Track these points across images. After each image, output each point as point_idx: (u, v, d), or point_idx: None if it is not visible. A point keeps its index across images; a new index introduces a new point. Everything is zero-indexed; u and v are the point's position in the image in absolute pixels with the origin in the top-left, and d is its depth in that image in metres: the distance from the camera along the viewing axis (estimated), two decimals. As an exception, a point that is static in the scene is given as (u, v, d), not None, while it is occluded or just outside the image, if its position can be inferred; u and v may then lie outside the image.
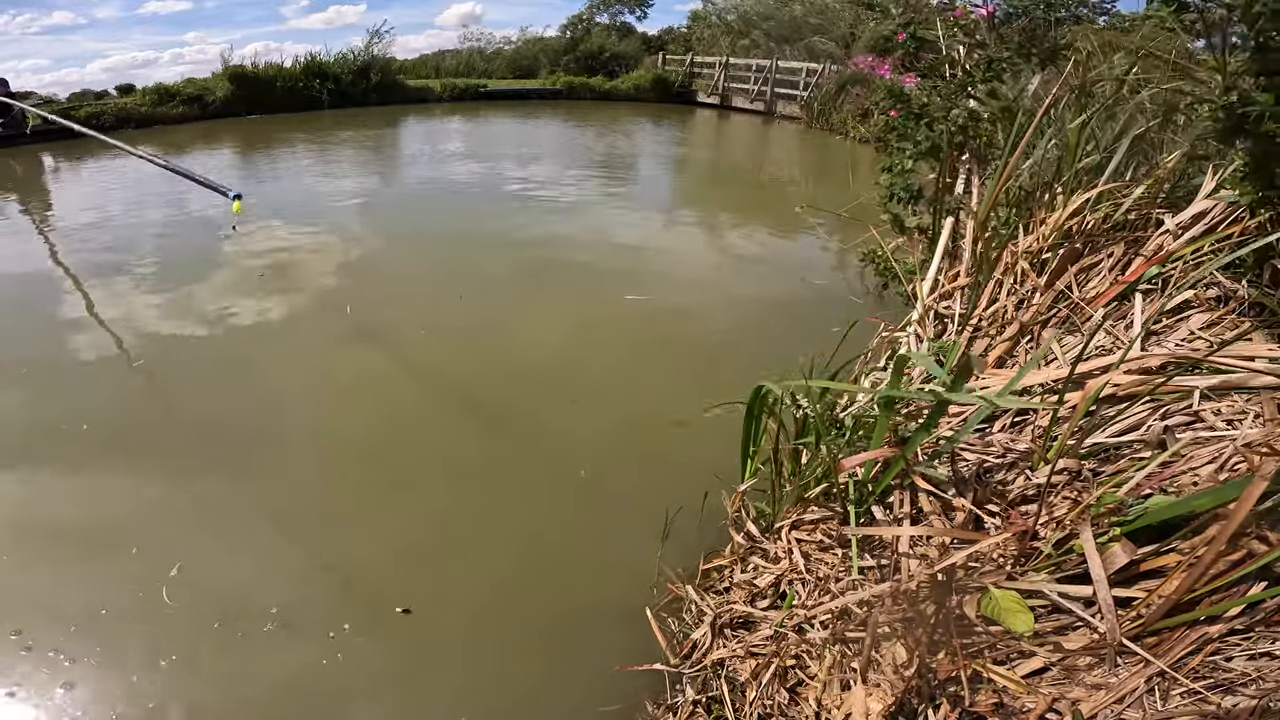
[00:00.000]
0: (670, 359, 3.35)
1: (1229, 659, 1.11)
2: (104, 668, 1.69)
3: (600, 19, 23.96)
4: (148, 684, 1.64)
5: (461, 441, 2.71)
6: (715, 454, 2.24)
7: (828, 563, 1.66)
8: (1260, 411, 1.49)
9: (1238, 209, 2.17)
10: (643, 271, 4.82)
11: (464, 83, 18.29)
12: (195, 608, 1.87)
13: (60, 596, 1.91)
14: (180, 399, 2.99)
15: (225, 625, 1.82)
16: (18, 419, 2.80)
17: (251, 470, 2.49)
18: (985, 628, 1.32)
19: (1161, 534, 1.31)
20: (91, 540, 2.14)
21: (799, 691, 1.41)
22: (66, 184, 8.08)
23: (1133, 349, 1.82)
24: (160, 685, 1.64)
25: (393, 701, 1.65)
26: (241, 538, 2.17)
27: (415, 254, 5.19)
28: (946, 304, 2.93)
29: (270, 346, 3.54)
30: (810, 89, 14.62)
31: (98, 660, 1.71)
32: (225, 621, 1.83)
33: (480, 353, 3.46)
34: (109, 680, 1.66)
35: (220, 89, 13.61)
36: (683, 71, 19.12)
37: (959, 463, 1.74)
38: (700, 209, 7.24)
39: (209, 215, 6.24)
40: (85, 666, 1.68)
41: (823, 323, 2.05)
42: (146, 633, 1.79)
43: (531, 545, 2.15)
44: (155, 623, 1.82)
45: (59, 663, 1.68)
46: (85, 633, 1.77)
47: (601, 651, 1.73)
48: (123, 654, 1.72)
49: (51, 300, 4.09)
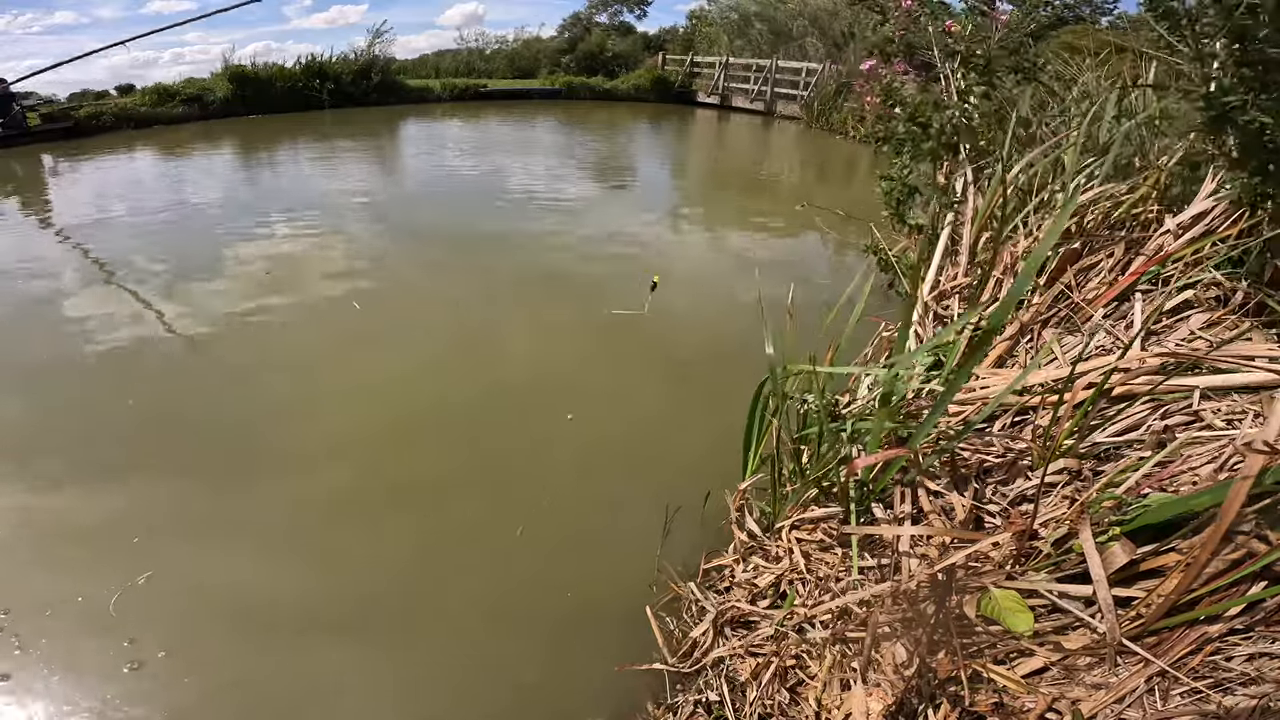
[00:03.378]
0: (670, 359, 3.35)
1: (1229, 659, 1.11)
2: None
3: (599, 18, 23.99)
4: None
5: (462, 442, 2.71)
6: (715, 455, 2.25)
7: (828, 562, 1.67)
8: (1260, 411, 1.49)
9: (1237, 209, 2.17)
10: (642, 272, 4.82)
11: (464, 82, 18.30)
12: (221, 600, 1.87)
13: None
14: (184, 398, 2.99)
15: (227, 626, 1.82)
16: (18, 420, 2.80)
17: (251, 473, 2.49)
18: (985, 627, 1.32)
19: (1161, 533, 1.31)
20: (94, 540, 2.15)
21: (799, 691, 1.41)
22: (66, 184, 8.08)
23: (1133, 349, 1.82)
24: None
25: (392, 702, 1.65)
26: (240, 541, 2.17)
27: (416, 254, 5.19)
28: (946, 304, 2.93)
29: (270, 347, 3.53)
30: (810, 89, 14.62)
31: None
32: (227, 622, 1.83)
33: (480, 353, 3.46)
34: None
35: (220, 89, 13.62)
36: (682, 71, 19.13)
37: (959, 462, 1.74)
38: (700, 209, 7.25)
39: (212, 214, 6.25)
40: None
41: (824, 322, 2.05)
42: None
43: (531, 545, 2.15)
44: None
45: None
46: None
47: (601, 651, 1.73)
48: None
49: (52, 301, 4.09)
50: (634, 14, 24.76)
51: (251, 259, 4.86)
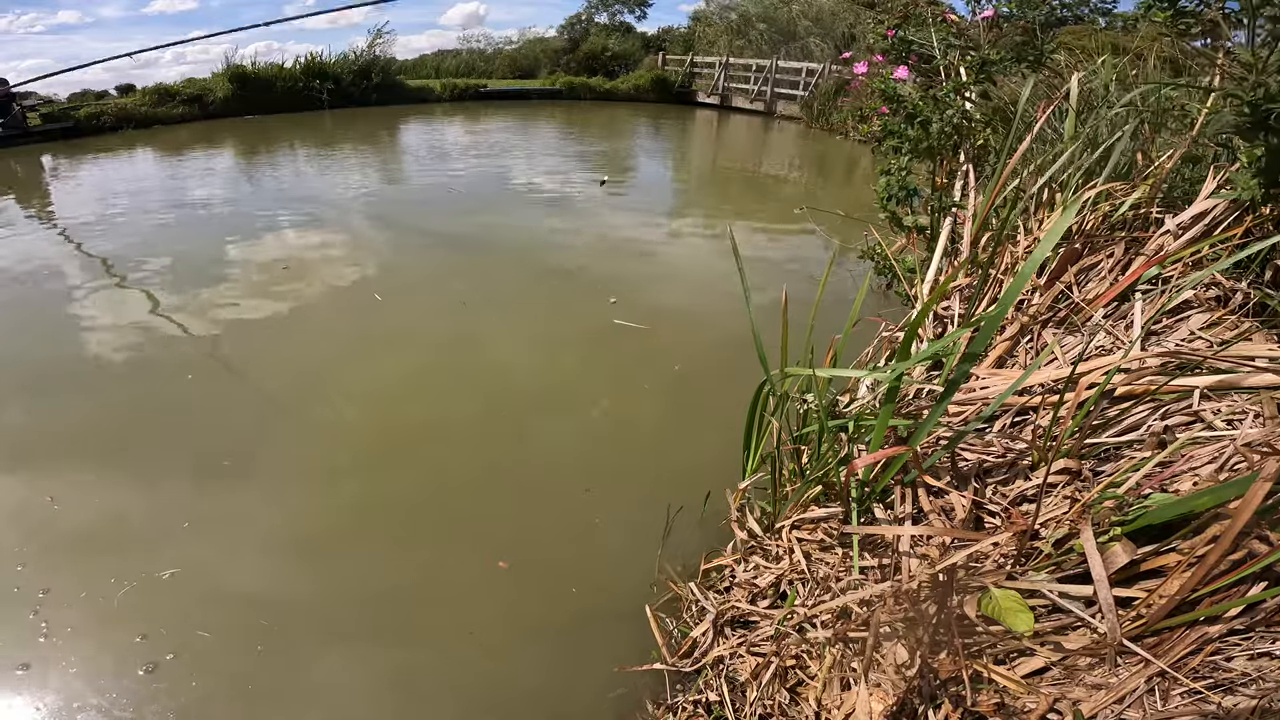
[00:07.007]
0: (671, 360, 3.35)
1: (1229, 659, 1.11)
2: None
3: (599, 18, 23.98)
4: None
5: (462, 443, 2.71)
6: (716, 455, 2.24)
7: (828, 562, 1.66)
8: (1260, 411, 1.49)
9: (1238, 209, 2.17)
10: (643, 273, 4.82)
11: (464, 83, 18.32)
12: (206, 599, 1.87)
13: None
14: (185, 399, 2.99)
15: (235, 630, 1.82)
16: (19, 421, 2.80)
17: (248, 476, 2.49)
18: (986, 627, 1.31)
19: (1162, 534, 1.30)
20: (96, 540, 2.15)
21: (799, 691, 1.41)
22: (67, 184, 8.08)
23: (1133, 349, 1.82)
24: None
25: (392, 702, 1.65)
26: (246, 542, 2.17)
27: (416, 254, 5.19)
28: (946, 304, 2.93)
29: (270, 347, 3.54)
30: (810, 89, 14.63)
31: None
32: (234, 623, 1.83)
33: (480, 353, 3.46)
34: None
35: (220, 89, 13.63)
36: (683, 71, 19.13)
37: (959, 462, 1.74)
38: (700, 210, 7.25)
39: (219, 211, 6.25)
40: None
41: (824, 323, 2.05)
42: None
43: (532, 544, 2.15)
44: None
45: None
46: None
47: (601, 651, 1.73)
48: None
49: (53, 301, 4.09)
50: (634, 14, 24.76)
51: (253, 259, 4.86)
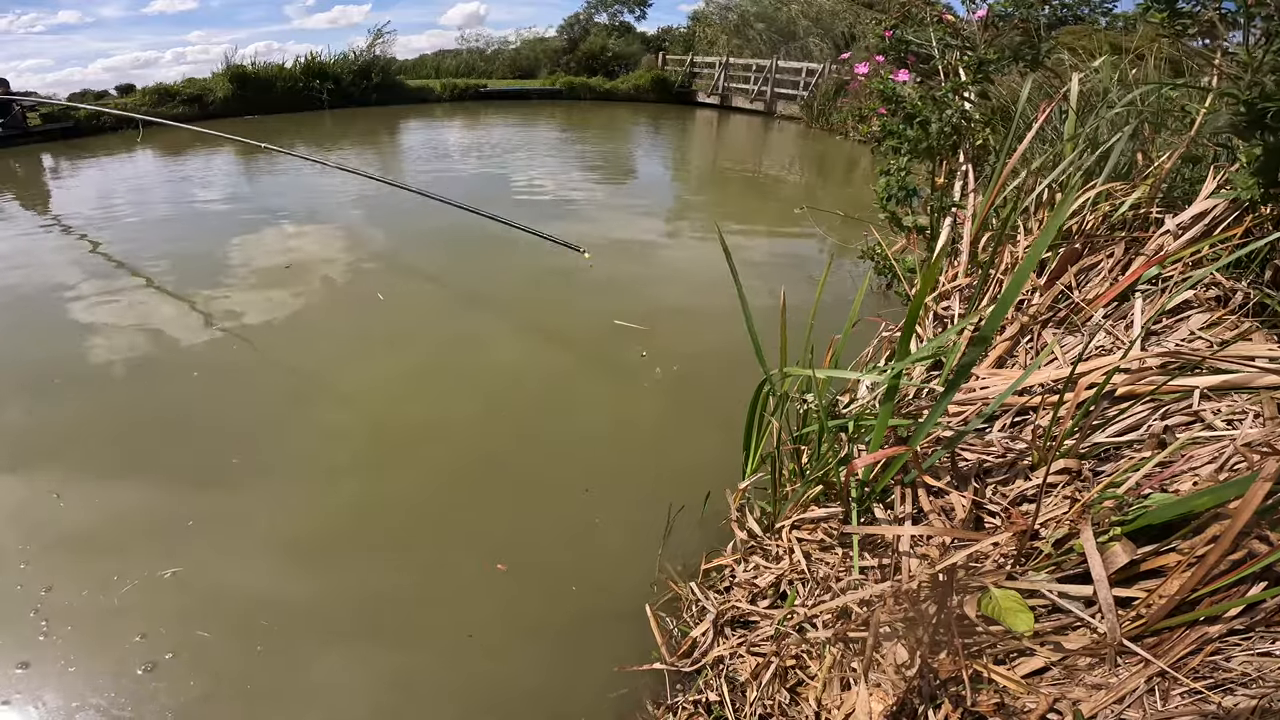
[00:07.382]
0: (671, 359, 3.35)
1: (1229, 659, 1.11)
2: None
3: (599, 18, 24.00)
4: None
5: (462, 443, 2.71)
6: (716, 455, 2.24)
7: (828, 562, 1.66)
8: (1260, 411, 1.49)
9: (1238, 209, 2.17)
10: (643, 274, 4.82)
11: (464, 83, 18.33)
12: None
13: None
14: (188, 399, 2.99)
15: (234, 630, 1.82)
16: (20, 420, 2.80)
17: (249, 475, 2.49)
18: (986, 627, 1.32)
19: (1162, 534, 1.31)
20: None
21: (799, 691, 1.41)
22: (67, 183, 8.08)
23: (1133, 349, 1.82)
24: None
25: (391, 702, 1.65)
26: (246, 542, 2.17)
27: (416, 254, 5.19)
28: (946, 304, 2.93)
29: (271, 347, 3.54)
30: (810, 89, 14.63)
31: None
32: (233, 622, 1.83)
33: (480, 354, 3.46)
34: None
35: (220, 89, 13.63)
36: (683, 72, 19.13)
37: (959, 462, 1.74)
38: (700, 210, 7.25)
39: (220, 211, 6.25)
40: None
41: (824, 323, 2.05)
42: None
43: (532, 544, 2.15)
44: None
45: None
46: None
47: (601, 651, 1.73)
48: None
49: (53, 301, 4.09)
50: (633, 14, 24.77)
51: (254, 258, 4.86)
